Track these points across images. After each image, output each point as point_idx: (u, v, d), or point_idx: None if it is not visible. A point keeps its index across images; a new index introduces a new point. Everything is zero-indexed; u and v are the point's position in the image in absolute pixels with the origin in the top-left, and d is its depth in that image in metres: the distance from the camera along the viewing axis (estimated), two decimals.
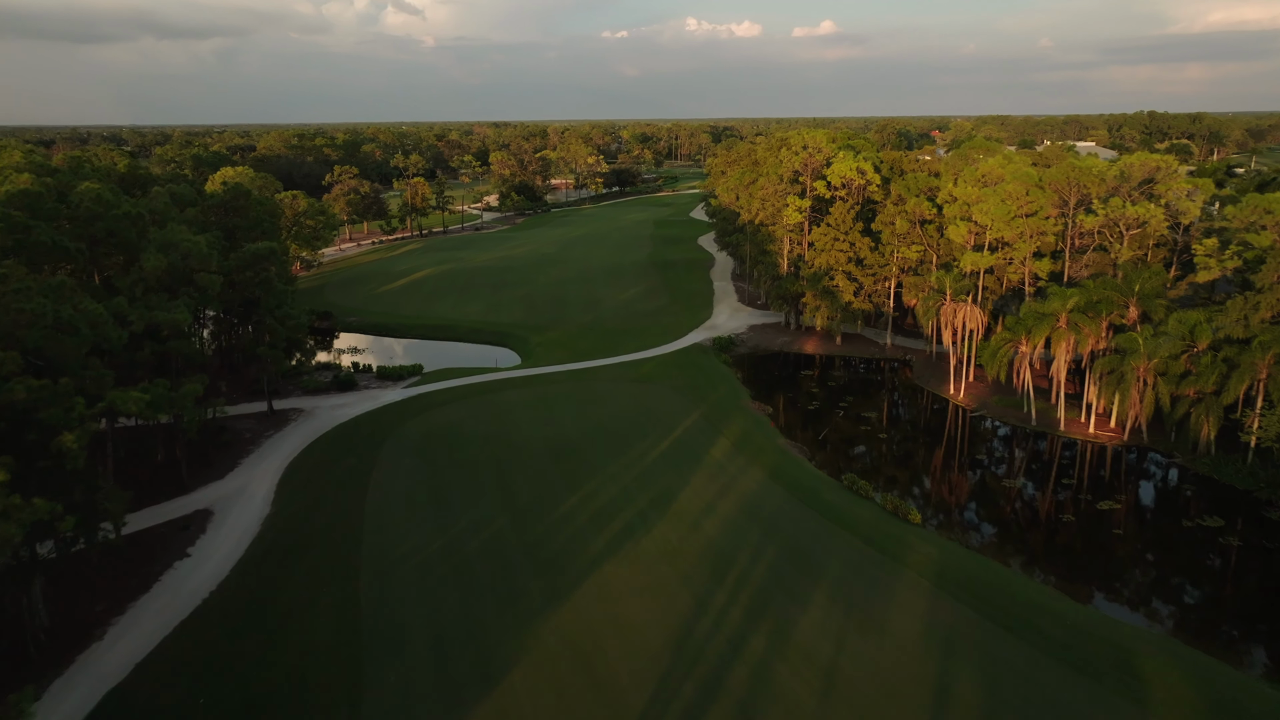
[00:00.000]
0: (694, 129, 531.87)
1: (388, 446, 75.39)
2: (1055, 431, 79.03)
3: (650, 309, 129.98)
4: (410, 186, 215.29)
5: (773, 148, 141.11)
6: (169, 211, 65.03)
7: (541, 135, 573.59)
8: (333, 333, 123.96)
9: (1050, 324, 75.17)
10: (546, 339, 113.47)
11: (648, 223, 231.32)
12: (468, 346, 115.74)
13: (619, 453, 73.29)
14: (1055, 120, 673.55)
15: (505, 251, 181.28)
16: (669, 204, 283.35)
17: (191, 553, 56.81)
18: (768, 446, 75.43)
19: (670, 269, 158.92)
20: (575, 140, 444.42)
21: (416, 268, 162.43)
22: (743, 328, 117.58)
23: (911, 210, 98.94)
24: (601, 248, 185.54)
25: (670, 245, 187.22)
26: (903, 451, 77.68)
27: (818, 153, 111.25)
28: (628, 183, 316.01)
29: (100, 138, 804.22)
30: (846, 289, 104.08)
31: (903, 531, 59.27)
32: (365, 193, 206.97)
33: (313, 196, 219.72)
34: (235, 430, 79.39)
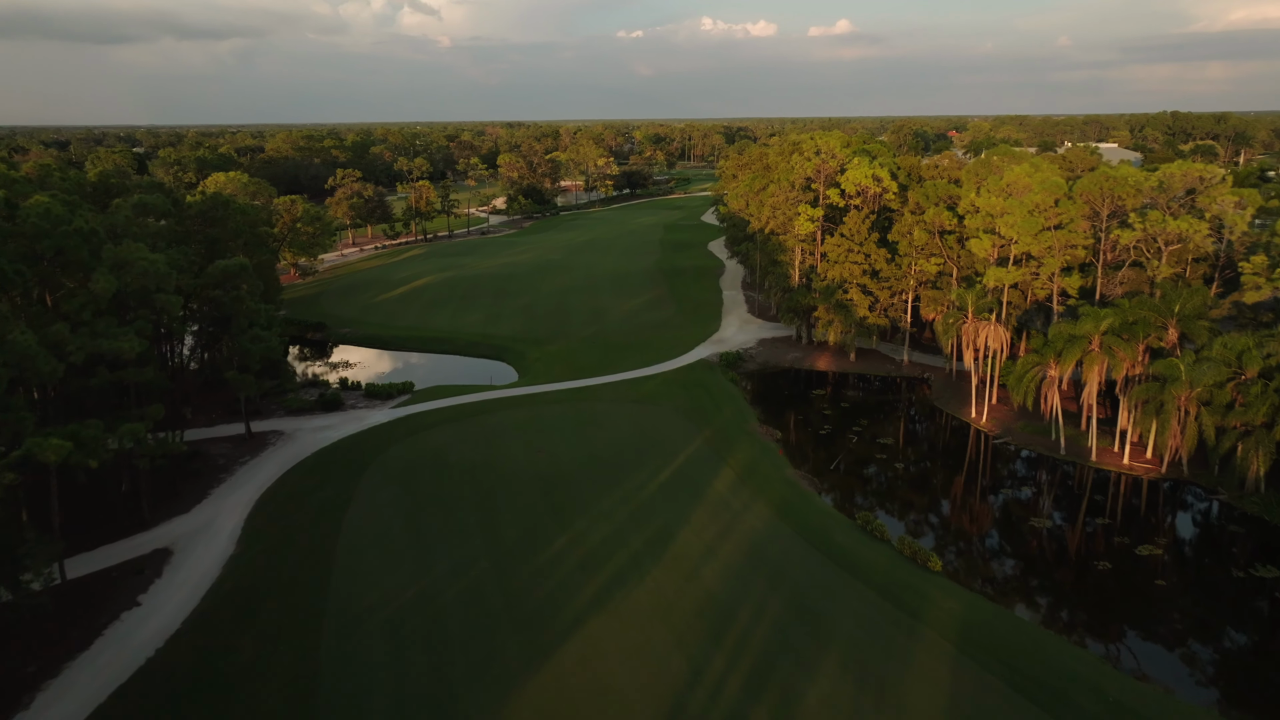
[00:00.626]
0: (707, 129, 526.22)
1: (368, 475, 70.53)
2: (1086, 461, 73.27)
3: (656, 320, 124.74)
4: (415, 190, 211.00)
5: (784, 152, 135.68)
6: (130, 226, 60.48)
7: (554, 136, 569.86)
8: (326, 345, 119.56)
9: (1082, 347, 69.44)
10: (546, 353, 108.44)
11: (657, 227, 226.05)
12: (464, 361, 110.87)
13: (615, 484, 68.14)
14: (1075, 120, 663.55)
15: (509, 258, 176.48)
16: (680, 207, 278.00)
17: (143, 601, 52.06)
18: (775, 478, 70.09)
19: (678, 277, 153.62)
20: (587, 141, 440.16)
21: (417, 275, 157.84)
22: (752, 341, 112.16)
23: (930, 220, 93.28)
24: (608, 254, 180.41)
25: (679, 251, 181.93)
26: (921, 484, 72.11)
27: (831, 159, 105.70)
28: (639, 185, 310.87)
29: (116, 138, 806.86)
30: (861, 303, 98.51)
31: (922, 581, 53.82)
32: (369, 196, 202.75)
33: (319, 199, 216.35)
34: (209, 456, 74.77)
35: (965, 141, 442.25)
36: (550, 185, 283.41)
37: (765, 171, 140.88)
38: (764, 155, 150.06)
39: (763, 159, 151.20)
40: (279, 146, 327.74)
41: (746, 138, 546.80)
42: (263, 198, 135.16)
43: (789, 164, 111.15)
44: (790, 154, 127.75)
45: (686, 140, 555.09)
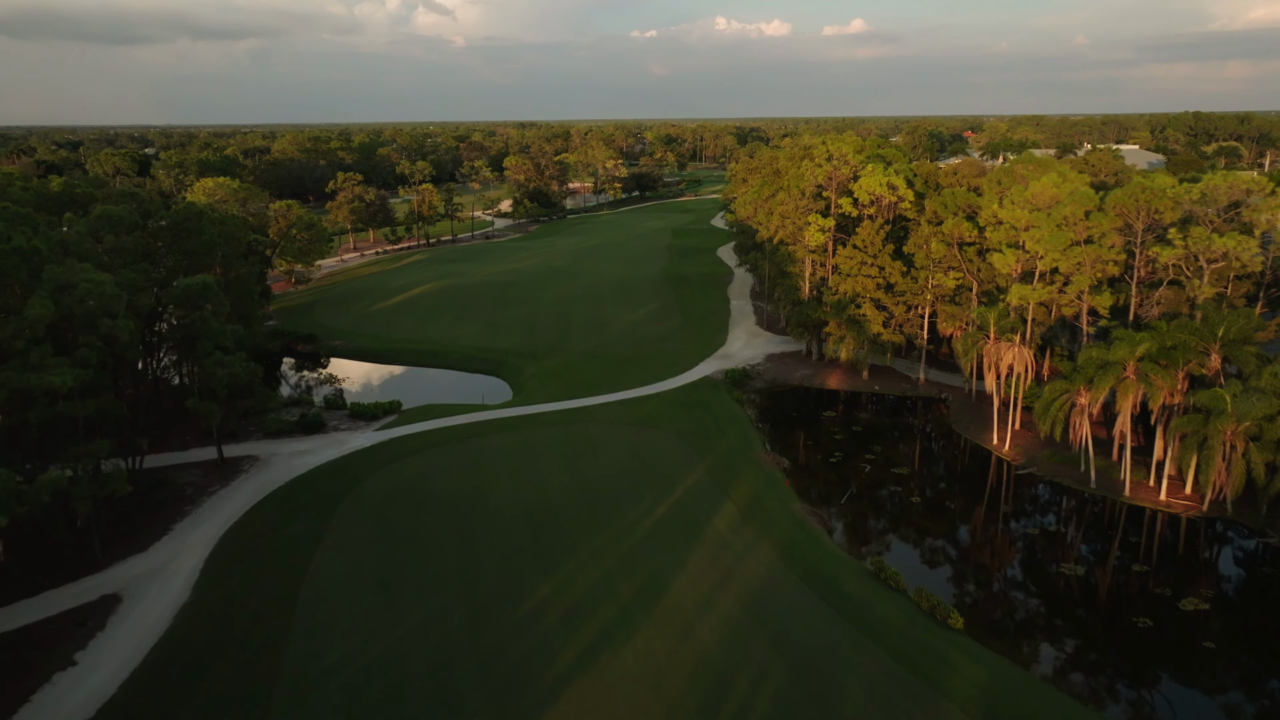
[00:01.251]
0: (719, 130, 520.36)
1: (343, 509, 65.65)
2: (1119, 496, 67.58)
3: (660, 333, 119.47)
4: (418, 194, 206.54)
5: (795, 157, 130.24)
6: (82, 243, 55.85)
7: (564, 137, 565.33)
8: (316, 357, 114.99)
9: (1115, 374, 63.74)
10: (543, 369, 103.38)
11: (665, 231, 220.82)
12: (458, 376, 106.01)
13: (607, 521, 62.98)
14: (1093, 121, 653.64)
15: (512, 264, 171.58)
16: (690, 210, 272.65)
17: (79, 659, 47.29)
18: (780, 514, 64.75)
19: (685, 285, 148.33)
20: (596, 143, 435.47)
21: (415, 282, 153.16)
22: (759, 357, 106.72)
23: (949, 232, 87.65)
24: (614, 260, 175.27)
25: (687, 258, 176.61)
26: (939, 521, 66.56)
27: (843, 165, 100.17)
28: (648, 187, 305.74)
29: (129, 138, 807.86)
30: (875, 319, 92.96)
31: (942, 642, 48.38)
32: (370, 200, 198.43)
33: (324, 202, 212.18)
34: (175, 485, 70.12)
35: (982, 143, 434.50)
36: (558, 188, 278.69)
37: (775, 177, 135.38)
38: (774, 159, 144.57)
39: (773, 163, 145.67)
40: (284, 148, 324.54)
41: (759, 139, 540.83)
42: (255, 203, 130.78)
43: (799, 170, 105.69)
44: (801, 159, 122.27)
45: (698, 141, 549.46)
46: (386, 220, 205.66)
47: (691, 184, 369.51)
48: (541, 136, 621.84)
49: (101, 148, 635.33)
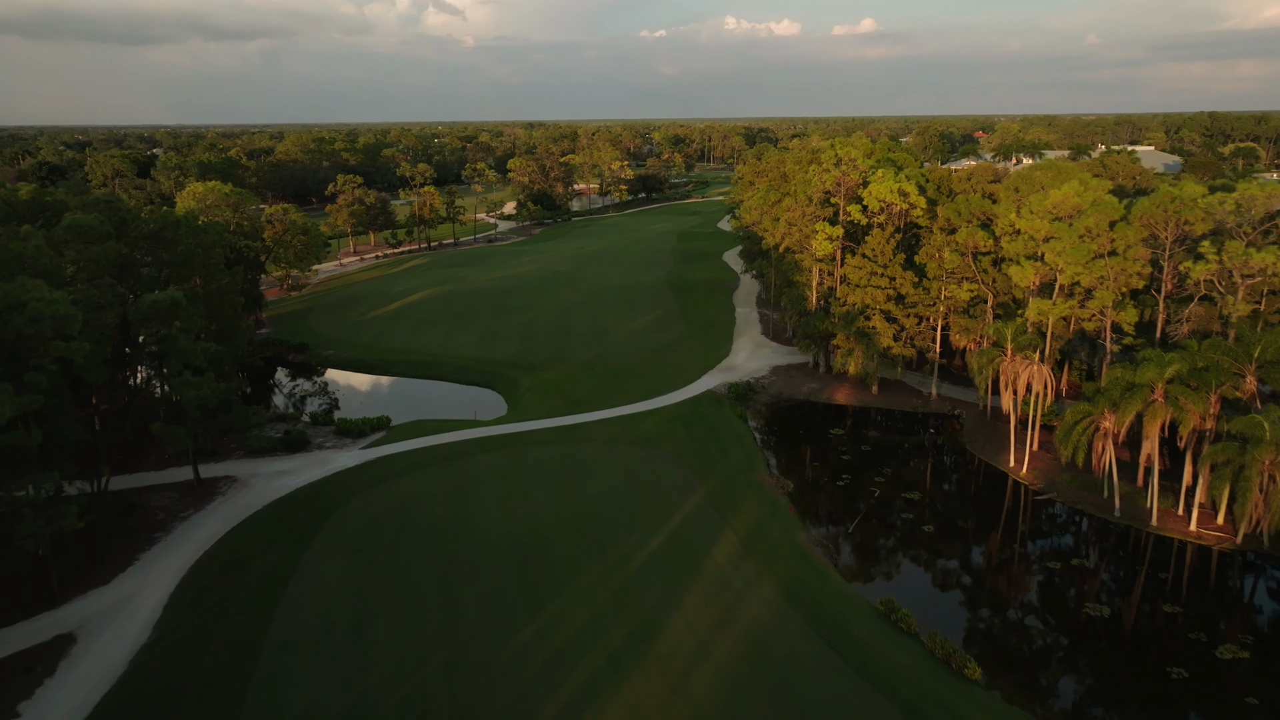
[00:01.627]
0: (727, 131, 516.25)
1: (321, 537, 62.10)
2: (1145, 526, 63.45)
3: (663, 343, 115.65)
4: (419, 197, 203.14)
5: (802, 161, 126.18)
6: (41, 257, 52.41)
7: (571, 138, 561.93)
8: (308, 368, 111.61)
9: (1143, 398, 59.62)
10: (540, 381, 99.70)
11: (671, 235, 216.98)
12: (452, 389, 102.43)
13: (599, 552, 59.23)
14: (1106, 121, 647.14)
15: (512, 269, 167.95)
16: (696, 212, 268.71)
17: (24, 711, 43.81)
18: (784, 545, 60.87)
19: (689, 292, 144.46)
20: (604, 144, 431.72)
21: (413, 288, 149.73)
22: (764, 369, 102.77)
23: (963, 241, 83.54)
24: (617, 265, 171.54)
25: (692, 263, 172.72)
26: (954, 553, 62.56)
27: (853, 170, 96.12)
28: (655, 189, 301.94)
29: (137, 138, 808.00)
30: (885, 331, 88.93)
31: (957, 696, 44.44)
32: (370, 203, 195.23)
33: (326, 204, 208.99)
34: (147, 508, 66.68)
35: (994, 144, 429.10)
36: (563, 190, 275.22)
37: (782, 182, 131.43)
38: (781, 163, 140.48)
39: (780, 166, 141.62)
40: (288, 149, 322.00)
41: (767, 139, 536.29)
42: (248, 208, 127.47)
43: (807, 176, 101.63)
44: (809, 164, 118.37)
45: (706, 141, 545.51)
46: (388, 223, 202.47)
47: (699, 185, 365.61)
48: (549, 137, 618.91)
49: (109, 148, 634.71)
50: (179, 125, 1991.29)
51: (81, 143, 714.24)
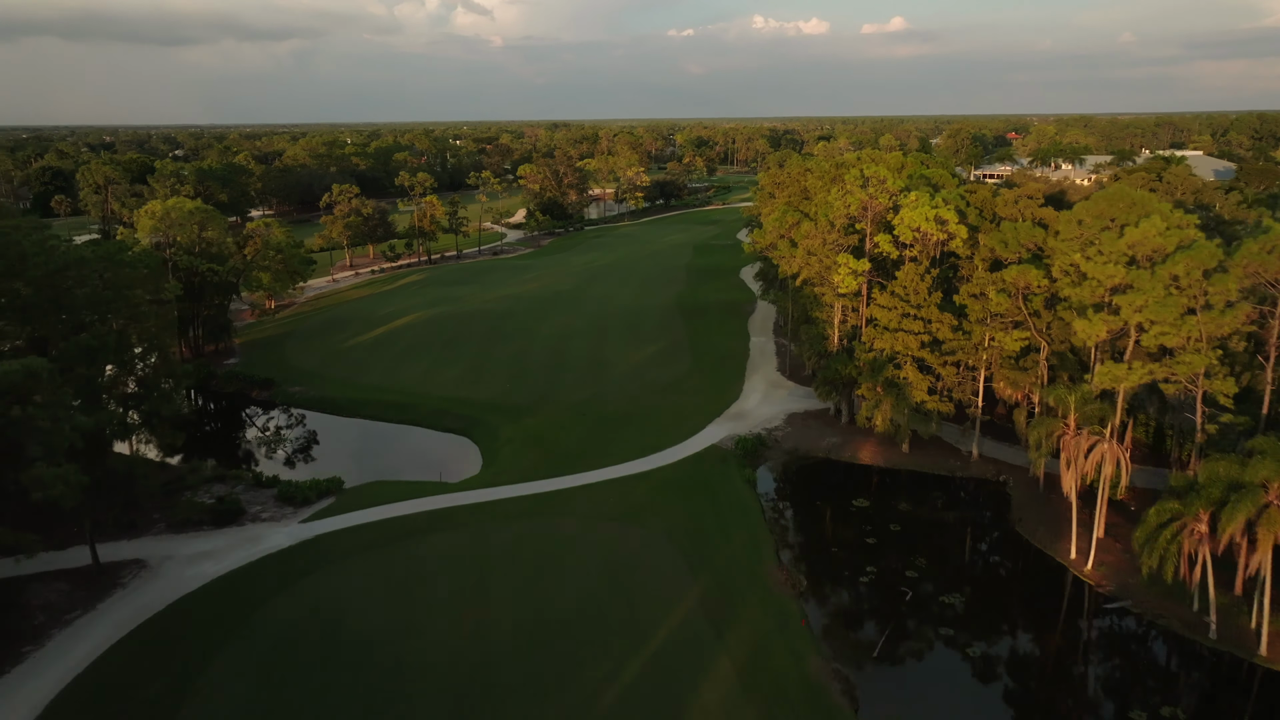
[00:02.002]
0: (751, 133, 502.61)
1: (225, 656, 50.67)
2: (1251, 655, 50.49)
3: (666, 380, 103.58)
4: (418, 207, 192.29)
5: (826, 176, 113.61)
6: None
7: (592, 140, 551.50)
8: (271, 406, 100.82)
9: (1254, 501, 46.68)
10: (523, 430, 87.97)
11: (686, 248, 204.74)
12: (423, 437, 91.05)
13: (557, 689, 47.28)
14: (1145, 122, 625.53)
15: (513, 288, 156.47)
16: (716, 221, 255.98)
17: None
18: (792, 679, 48.58)
19: (700, 317, 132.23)
20: (623, 147, 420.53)
21: (403, 310, 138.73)
22: (779, 416, 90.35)
23: (1012, 281, 70.66)
24: (626, 283, 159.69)
25: (707, 281, 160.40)
26: (1007, 688, 49.92)
27: (881, 192, 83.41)
28: (673, 195, 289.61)
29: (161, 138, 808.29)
30: (918, 383, 76.29)
31: None
32: (367, 214, 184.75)
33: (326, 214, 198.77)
34: (27, 608, 55.71)
35: (1029, 148, 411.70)
36: (576, 197, 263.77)
37: (802, 199, 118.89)
38: (803, 176, 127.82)
39: (801, 179, 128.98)
40: (296, 154, 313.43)
41: (793, 142, 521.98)
42: (215, 229, 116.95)
43: (829, 197, 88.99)
44: (832, 180, 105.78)
45: (729, 144, 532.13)
46: (387, 234, 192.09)
47: (720, 191, 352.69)
48: (570, 139, 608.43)
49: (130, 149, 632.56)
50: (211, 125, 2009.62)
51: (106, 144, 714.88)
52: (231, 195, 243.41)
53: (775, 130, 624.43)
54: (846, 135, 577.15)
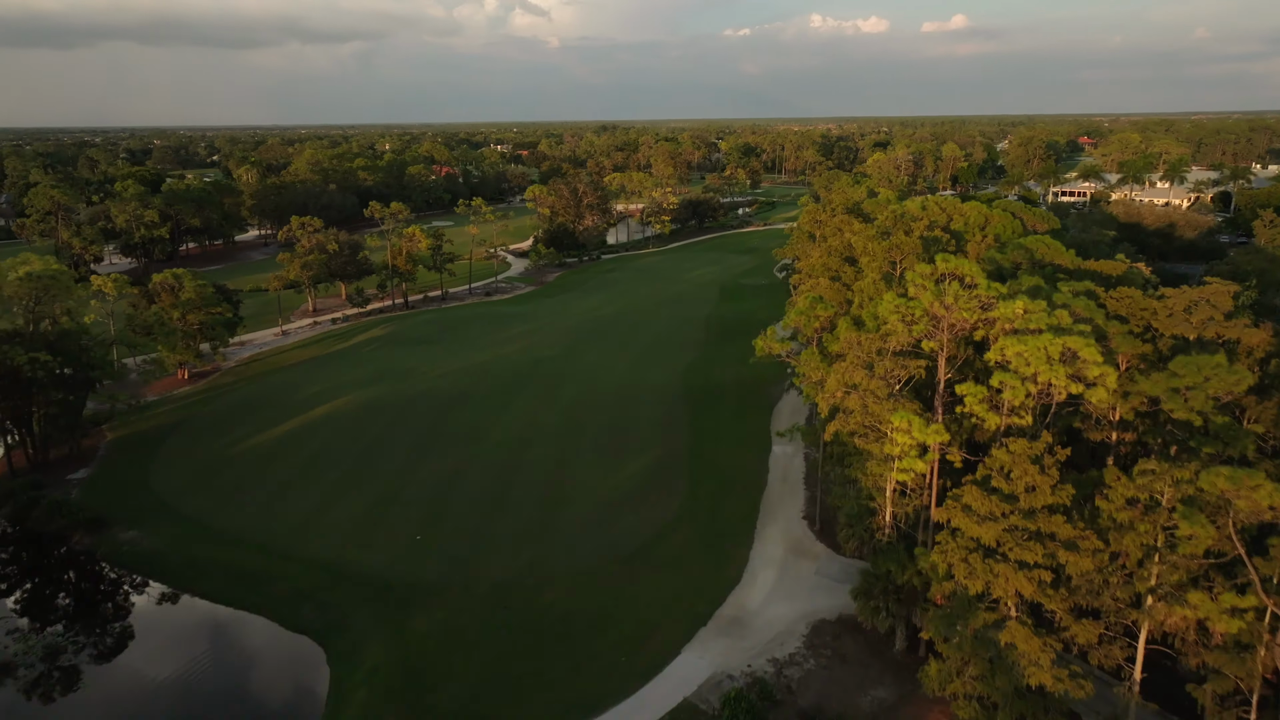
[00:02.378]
0: (800, 140, 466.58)
1: None
2: None
3: (643, 534, 72.58)
4: (389, 243, 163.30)
5: (883, 228, 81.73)
6: None
7: (632, 147, 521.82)
8: (89, 563, 72.38)
9: None
10: (401, 650, 57.69)
11: (712, 288, 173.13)
12: (262, 642, 61.41)
13: None
14: (1234, 124, 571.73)
15: (484, 353, 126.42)
16: (753, 249, 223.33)
17: None
18: None
19: (712, 407, 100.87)
20: (661, 158, 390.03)
21: (332, 390, 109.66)
22: (798, 628, 58.68)
23: (1213, 488, 38.05)
24: (627, 346, 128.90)
25: (729, 342, 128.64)
26: None
27: (964, 305, 50.84)
28: (706, 216, 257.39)
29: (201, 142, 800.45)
30: (1029, 649, 43.77)
31: None
32: (334, 250, 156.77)
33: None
34: None
35: (1112, 158, 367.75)
36: (594, 221, 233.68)
37: (844, 265, 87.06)
38: (847, 227, 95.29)
39: (843, 230, 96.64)
40: (299, 168, 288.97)
41: (846, 149, 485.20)
42: (62, 298, 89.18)
43: (878, 308, 56.42)
44: (888, 246, 73.95)
45: (777, 151, 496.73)
46: (359, 271, 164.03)
47: (763, 209, 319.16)
48: (611, 144, 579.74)
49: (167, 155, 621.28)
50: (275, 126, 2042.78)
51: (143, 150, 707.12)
52: (211, 218, 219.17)
53: (828, 136, 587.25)
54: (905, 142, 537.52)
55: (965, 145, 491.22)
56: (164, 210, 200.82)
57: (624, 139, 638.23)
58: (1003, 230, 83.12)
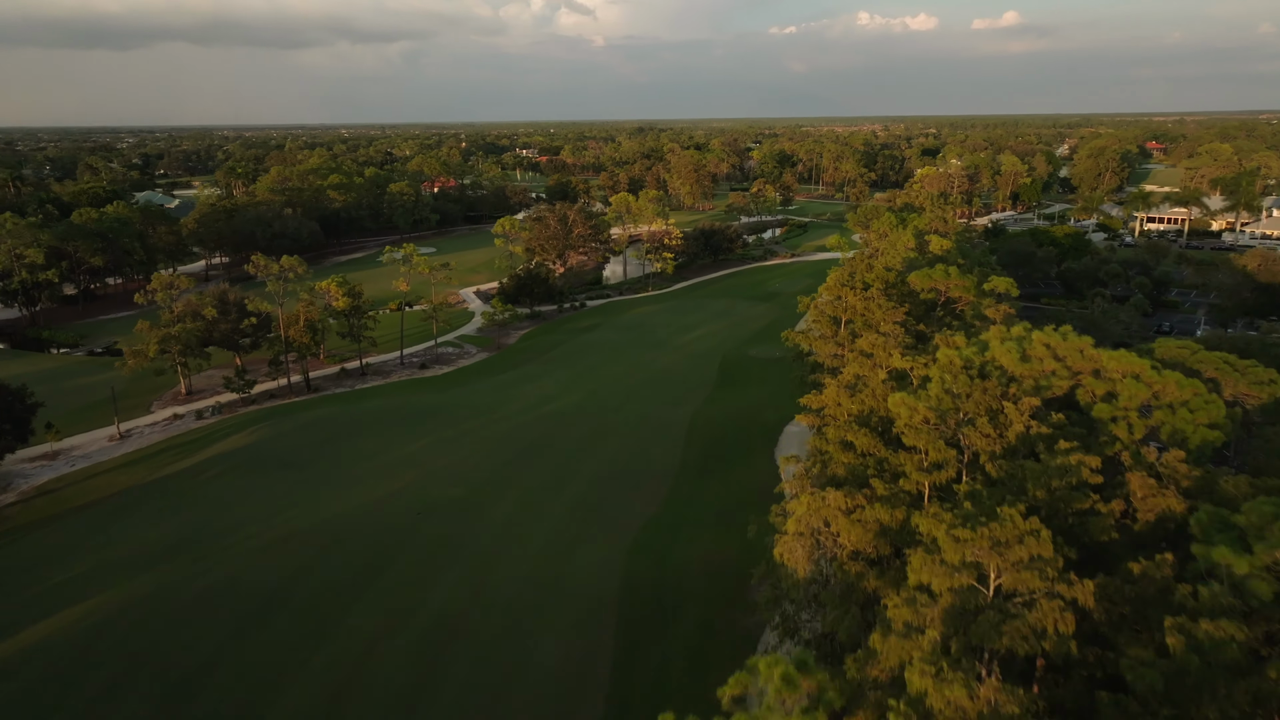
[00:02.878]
0: (840, 151, 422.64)
1: None
2: None
3: None
4: (281, 311, 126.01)
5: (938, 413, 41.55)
6: None
7: (658, 157, 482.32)
8: None
9: None
10: None
11: (711, 360, 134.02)
12: None
13: None
14: None
15: (352, 496, 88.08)
16: (773, 295, 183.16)
17: None
18: None
19: (666, 636, 61.71)
20: (683, 172, 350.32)
21: (93, 578, 72.48)
22: None
23: None
24: (565, 482, 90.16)
25: (714, 474, 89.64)
26: None
27: None
28: (720, 250, 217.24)
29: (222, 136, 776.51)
30: None
31: None
32: (212, 317, 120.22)
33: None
34: None
35: (1200, 173, 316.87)
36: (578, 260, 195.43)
37: (888, 461, 47.43)
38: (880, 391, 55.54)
39: (877, 391, 56.78)
40: (259, 189, 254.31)
41: (892, 158, 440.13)
42: None
43: None
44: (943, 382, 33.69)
45: (815, 159, 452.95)
46: (256, 338, 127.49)
47: (791, 234, 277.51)
48: (639, 151, 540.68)
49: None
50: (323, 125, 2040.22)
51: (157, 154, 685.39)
52: (131, 253, 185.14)
53: (871, 143, 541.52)
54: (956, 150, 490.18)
55: (1023, 153, 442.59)
56: (58, 246, 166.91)
57: (653, 144, 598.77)
58: (1184, 414, 42.79)
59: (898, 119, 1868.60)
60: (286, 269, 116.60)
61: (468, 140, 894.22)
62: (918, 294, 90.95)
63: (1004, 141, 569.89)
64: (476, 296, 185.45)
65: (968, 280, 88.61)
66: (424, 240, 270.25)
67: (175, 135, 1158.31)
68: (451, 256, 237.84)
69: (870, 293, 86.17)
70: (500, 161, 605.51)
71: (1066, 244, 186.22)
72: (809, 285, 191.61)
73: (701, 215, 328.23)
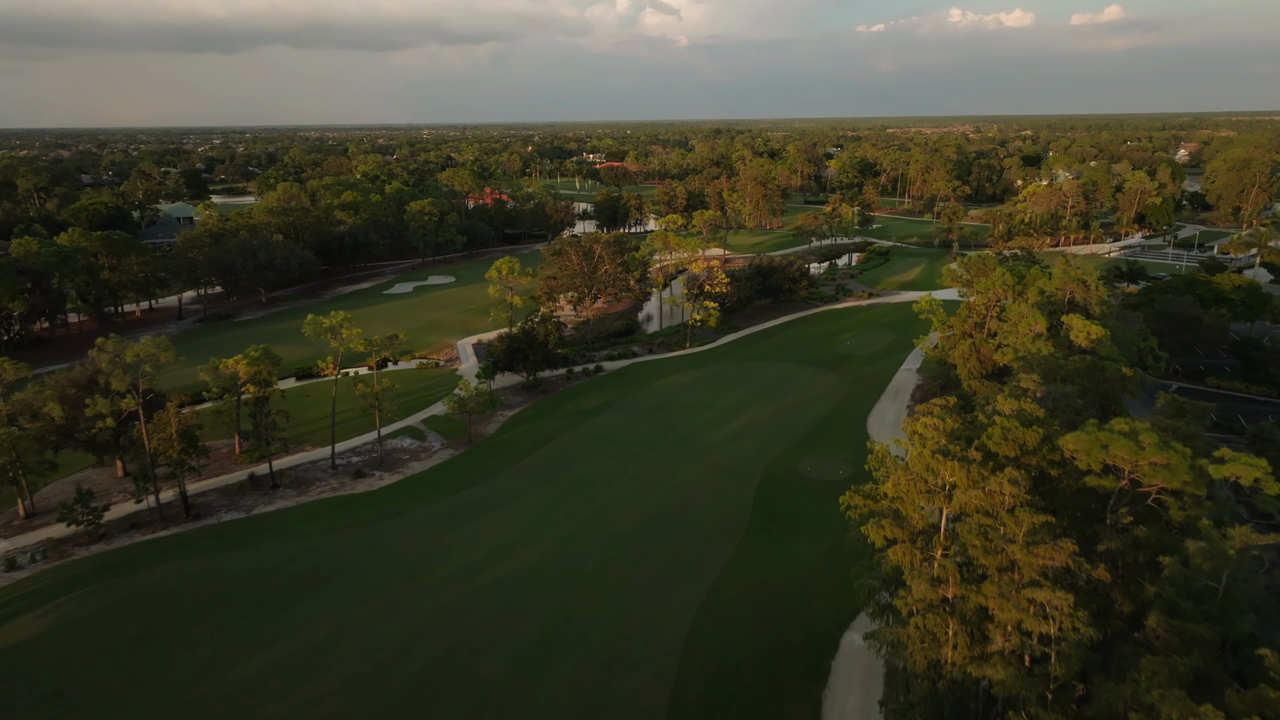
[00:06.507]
0: (929, 161, 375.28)
1: None
2: None
3: None
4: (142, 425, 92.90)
5: None
6: None
7: (725, 165, 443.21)
8: None
9: None
10: None
11: (749, 476, 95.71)
12: None
13: None
14: None
15: None
16: (844, 358, 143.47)
17: None
18: None
19: None
20: (748, 185, 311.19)
21: None
22: None
23: None
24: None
25: (732, 710, 51.98)
26: None
27: None
28: (778, 291, 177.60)
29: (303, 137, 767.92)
30: None
31: None
32: (59, 418, 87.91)
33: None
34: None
35: None
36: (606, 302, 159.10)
37: None
38: None
39: None
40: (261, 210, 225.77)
41: (988, 168, 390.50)
42: None
43: None
44: None
45: (901, 168, 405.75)
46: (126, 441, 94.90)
47: (871, 262, 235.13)
48: (708, 159, 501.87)
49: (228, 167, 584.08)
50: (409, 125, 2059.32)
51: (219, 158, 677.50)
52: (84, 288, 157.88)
53: (964, 148, 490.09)
54: (1063, 158, 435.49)
55: (1140, 163, 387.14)
56: None
57: (724, 150, 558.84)
58: None
59: (990, 119, 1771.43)
60: (144, 356, 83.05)
61: (539, 142, 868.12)
62: (1077, 469, 51.77)
63: (1114, 148, 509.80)
64: (474, 352, 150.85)
65: (1172, 457, 48.85)
66: (447, 265, 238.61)
67: (256, 136, 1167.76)
68: (468, 290, 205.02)
69: (992, 480, 47.25)
70: (561, 168, 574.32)
71: (1238, 300, 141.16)
72: (890, 344, 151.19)
73: (767, 236, 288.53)
